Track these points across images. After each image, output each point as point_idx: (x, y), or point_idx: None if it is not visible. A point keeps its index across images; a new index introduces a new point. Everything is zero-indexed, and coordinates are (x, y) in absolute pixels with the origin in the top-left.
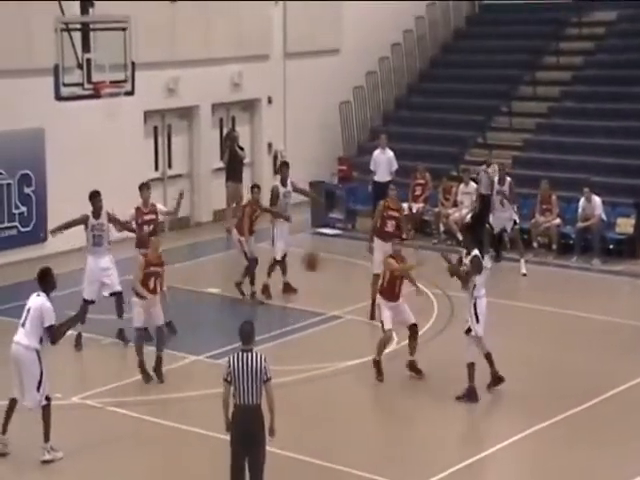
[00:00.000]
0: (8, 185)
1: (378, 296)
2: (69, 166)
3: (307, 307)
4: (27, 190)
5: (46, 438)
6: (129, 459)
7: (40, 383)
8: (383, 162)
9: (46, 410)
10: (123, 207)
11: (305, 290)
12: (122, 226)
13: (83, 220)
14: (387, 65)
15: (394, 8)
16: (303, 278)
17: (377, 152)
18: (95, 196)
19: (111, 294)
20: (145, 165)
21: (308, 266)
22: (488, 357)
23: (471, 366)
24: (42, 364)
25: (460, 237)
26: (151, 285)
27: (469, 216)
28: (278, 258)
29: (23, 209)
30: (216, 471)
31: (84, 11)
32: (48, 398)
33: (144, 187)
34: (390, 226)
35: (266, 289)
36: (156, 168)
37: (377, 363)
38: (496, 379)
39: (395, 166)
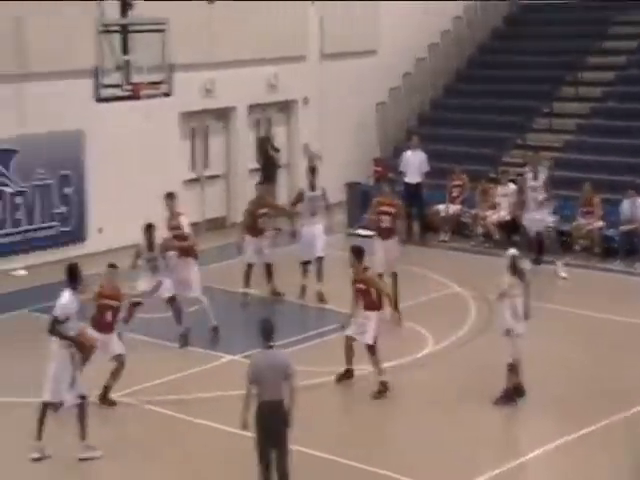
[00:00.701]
0: (49, 185)
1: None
2: (107, 167)
3: (342, 309)
4: (67, 190)
5: (82, 436)
6: (164, 458)
7: (74, 381)
8: (414, 163)
9: (81, 409)
10: (161, 208)
11: (340, 291)
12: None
13: (139, 253)
14: (424, 66)
15: (432, 8)
16: (339, 278)
17: (408, 153)
18: (148, 230)
19: (167, 301)
20: (182, 166)
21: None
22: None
23: (510, 367)
24: (75, 362)
25: (497, 238)
26: (108, 318)
27: (507, 218)
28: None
29: (63, 209)
30: (246, 469)
31: (124, 13)
32: (83, 397)
33: (169, 197)
34: (386, 222)
35: (303, 290)
36: (193, 169)
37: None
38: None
39: (426, 168)
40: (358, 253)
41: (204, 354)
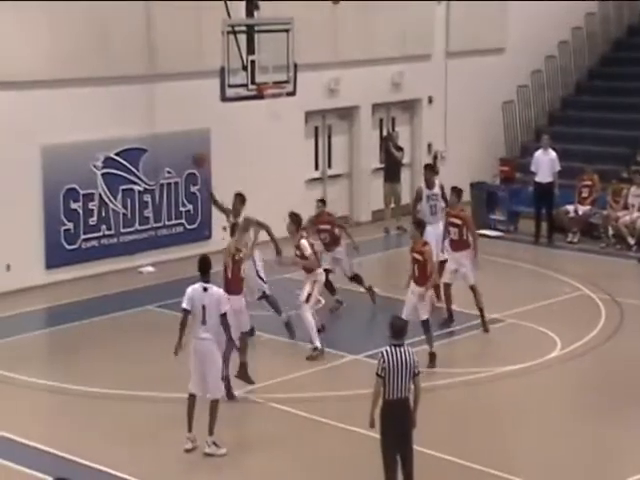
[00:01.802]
0: (176, 184)
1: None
2: (232, 166)
3: (467, 309)
4: (193, 189)
5: (210, 431)
6: (286, 457)
7: (222, 372)
8: (545, 163)
9: (215, 403)
10: (283, 207)
11: (466, 292)
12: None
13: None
14: (554, 63)
15: (562, 5)
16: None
17: (539, 152)
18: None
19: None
20: (305, 165)
21: (196, 163)
22: None
23: None
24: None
25: (632, 241)
26: (237, 274)
27: None
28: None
29: (189, 207)
30: (370, 469)
31: (249, 13)
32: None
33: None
34: (453, 234)
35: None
36: (316, 168)
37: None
38: None
39: (558, 167)
40: (419, 225)
41: (326, 353)
